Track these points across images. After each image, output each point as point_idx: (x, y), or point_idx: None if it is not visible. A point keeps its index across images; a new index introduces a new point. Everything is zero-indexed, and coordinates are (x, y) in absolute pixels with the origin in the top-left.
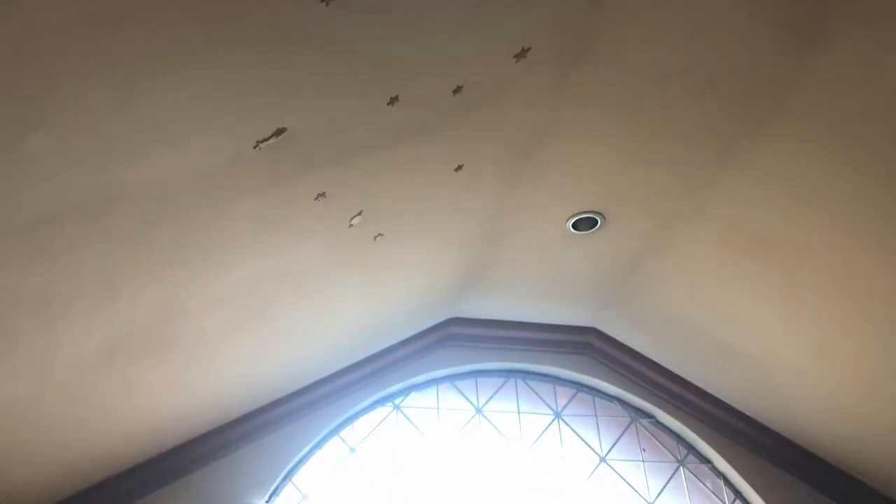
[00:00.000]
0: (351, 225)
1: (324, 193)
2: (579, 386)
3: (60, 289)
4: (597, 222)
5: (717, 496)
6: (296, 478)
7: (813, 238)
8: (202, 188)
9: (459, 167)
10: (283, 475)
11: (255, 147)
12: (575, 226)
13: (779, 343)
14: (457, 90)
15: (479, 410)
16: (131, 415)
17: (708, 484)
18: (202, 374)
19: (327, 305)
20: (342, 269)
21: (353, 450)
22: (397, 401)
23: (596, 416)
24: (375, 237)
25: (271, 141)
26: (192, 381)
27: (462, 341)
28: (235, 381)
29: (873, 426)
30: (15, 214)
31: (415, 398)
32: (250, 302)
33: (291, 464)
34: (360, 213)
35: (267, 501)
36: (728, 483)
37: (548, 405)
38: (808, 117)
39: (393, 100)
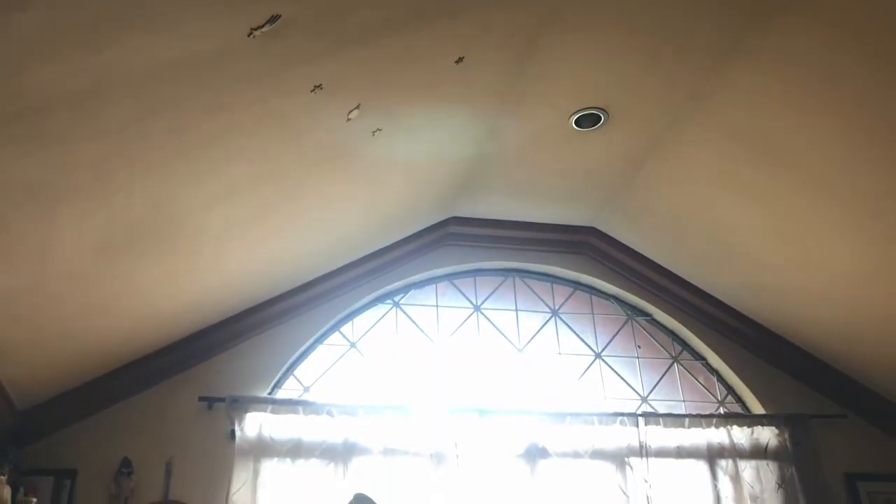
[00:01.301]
0: (349, 119)
1: (320, 85)
2: (577, 285)
3: (55, 181)
4: (600, 119)
5: (709, 392)
6: (297, 371)
7: (823, 136)
8: (196, 78)
9: (460, 59)
10: (284, 368)
11: (248, 35)
12: (577, 123)
13: (778, 243)
14: None
15: (477, 308)
16: (133, 309)
17: (701, 380)
18: (202, 270)
19: (326, 202)
20: (341, 165)
21: (353, 345)
22: (397, 298)
23: (593, 314)
24: (374, 132)
25: (265, 28)
26: (192, 276)
27: (461, 240)
28: (236, 277)
29: (869, 327)
30: (4, 103)
31: (414, 296)
32: (249, 198)
33: (293, 358)
34: (357, 107)
35: (269, 393)
36: (721, 379)
37: (545, 303)
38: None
39: None
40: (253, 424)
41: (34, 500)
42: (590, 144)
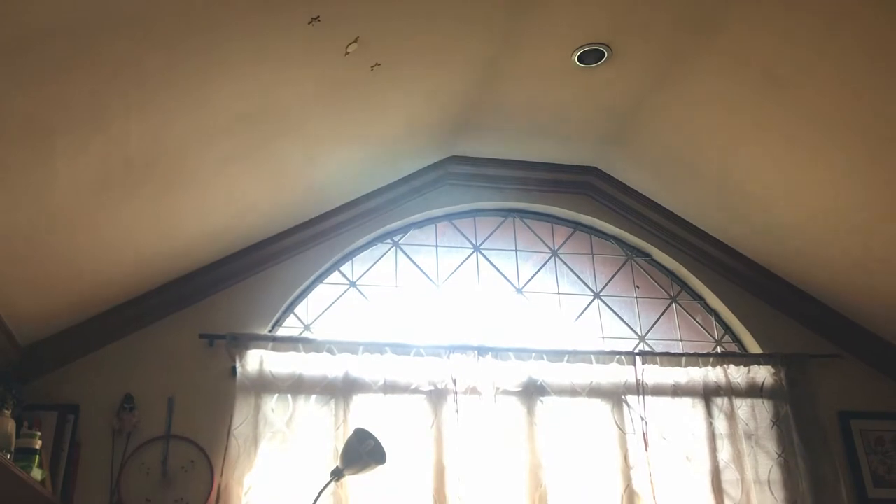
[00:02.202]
0: (347, 52)
1: (318, 17)
2: (577, 225)
3: (50, 116)
4: (603, 55)
5: (706, 332)
6: (297, 309)
7: (831, 74)
8: (193, 12)
9: None
10: (284, 307)
11: None
12: (580, 59)
13: (780, 183)
14: None
15: (476, 248)
16: (131, 246)
17: (699, 320)
18: (201, 207)
19: (324, 139)
20: (338, 101)
21: (353, 284)
22: (396, 238)
23: (592, 254)
24: (372, 67)
25: None
26: (190, 213)
27: (461, 180)
28: (234, 214)
29: (867, 267)
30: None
31: (414, 236)
32: (246, 134)
33: (293, 296)
34: (356, 41)
35: (270, 331)
36: (719, 319)
37: (545, 244)
38: None
39: None
40: (253, 361)
41: (38, 433)
42: (592, 81)
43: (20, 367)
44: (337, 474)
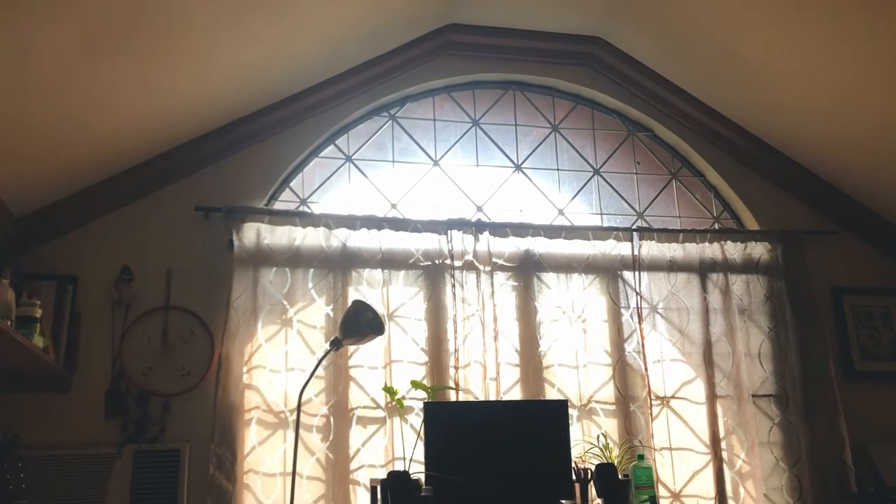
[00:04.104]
0: None
1: None
2: (579, 99)
3: None
4: None
5: (705, 208)
6: (293, 183)
7: None
8: None
9: None
10: (280, 181)
11: None
12: None
13: (785, 56)
14: None
15: (475, 123)
16: (120, 113)
17: (698, 196)
18: (190, 71)
19: (318, 3)
20: None
21: (349, 158)
22: (393, 111)
23: (593, 129)
24: None
25: None
26: (179, 78)
27: (460, 50)
28: (226, 82)
29: (868, 142)
30: None
31: (411, 109)
32: None
33: (288, 170)
34: None
35: (265, 205)
36: (718, 195)
37: (545, 118)
38: None
39: None
40: (250, 234)
41: (38, 302)
42: None
43: (16, 239)
44: (336, 344)
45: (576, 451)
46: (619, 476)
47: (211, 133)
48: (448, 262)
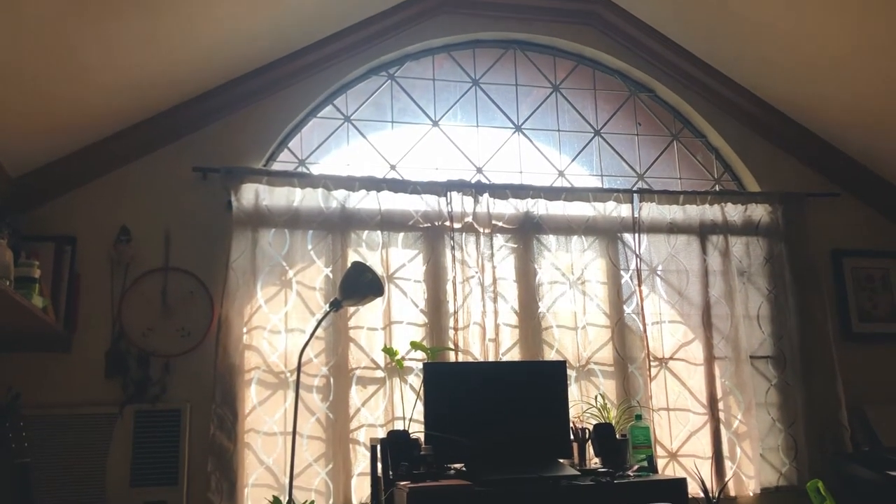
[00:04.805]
0: None
1: None
2: (580, 59)
3: None
4: None
5: (706, 170)
6: (291, 144)
7: None
8: None
9: None
10: (278, 141)
11: None
12: None
13: (789, 16)
14: None
15: (475, 82)
16: (116, 72)
17: (699, 158)
18: (187, 30)
19: None
20: None
21: (347, 119)
22: (392, 70)
23: (594, 90)
24: None
25: None
26: (177, 37)
27: (460, 7)
28: (223, 41)
29: (872, 104)
30: None
31: (410, 68)
32: None
33: (286, 130)
34: None
35: (264, 166)
36: (719, 157)
37: (546, 78)
38: None
39: None
40: (249, 195)
41: (36, 262)
42: None
43: (13, 199)
44: (336, 305)
45: (574, 411)
46: (617, 436)
47: (209, 92)
48: (447, 223)
